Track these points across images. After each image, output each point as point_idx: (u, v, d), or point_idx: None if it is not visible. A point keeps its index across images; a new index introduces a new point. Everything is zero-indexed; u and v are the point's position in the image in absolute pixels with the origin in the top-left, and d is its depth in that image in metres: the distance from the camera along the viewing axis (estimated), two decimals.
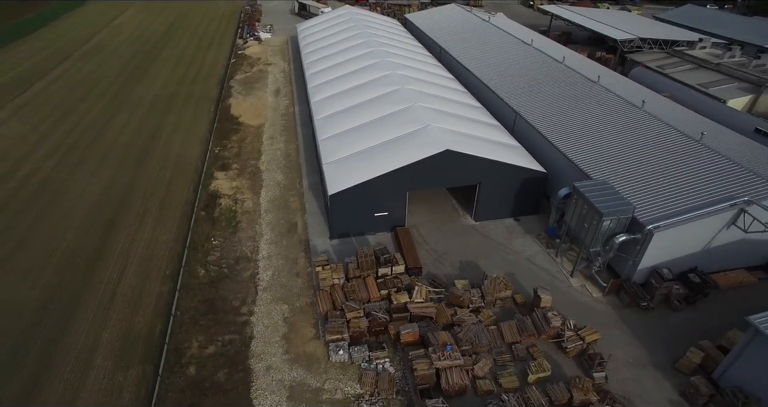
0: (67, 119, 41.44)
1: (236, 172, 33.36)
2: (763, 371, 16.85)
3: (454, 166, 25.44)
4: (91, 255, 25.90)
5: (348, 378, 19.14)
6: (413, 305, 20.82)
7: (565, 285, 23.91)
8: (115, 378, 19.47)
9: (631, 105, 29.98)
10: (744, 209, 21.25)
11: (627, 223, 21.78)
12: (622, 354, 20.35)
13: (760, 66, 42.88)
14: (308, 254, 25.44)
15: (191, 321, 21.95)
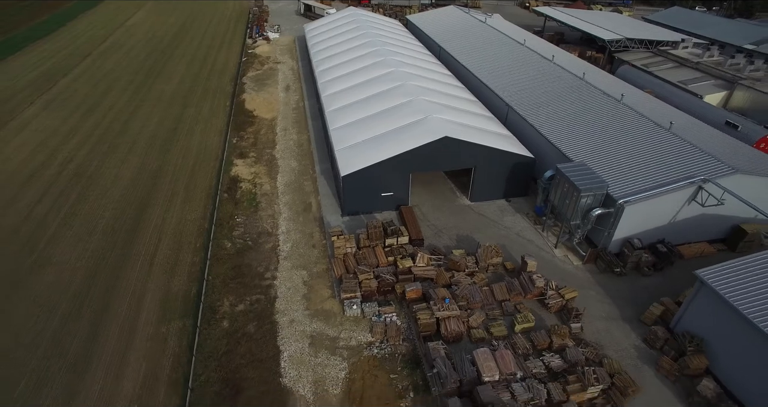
0: (93, 113, 44.65)
1: (253, 159, 36.61)
2: (706, 315, 20.09)
3: (451, 151, 28.68)
4: (129, 231, 29.11)
5: (360, 329, 22.38)
6: (416, 268, 24.09)
7: (550, 255, 27.18)
8: (160, 330, 22.67)
9: (611, 98, 33.28)
10: (701, 186, 24.52)
11: (602, 198, 25.04)
12: (597, 310, 23.64)
13: (735, 65, 46.16)
14: (323, 230, 28.69)
15: (222, 284, 25.17)
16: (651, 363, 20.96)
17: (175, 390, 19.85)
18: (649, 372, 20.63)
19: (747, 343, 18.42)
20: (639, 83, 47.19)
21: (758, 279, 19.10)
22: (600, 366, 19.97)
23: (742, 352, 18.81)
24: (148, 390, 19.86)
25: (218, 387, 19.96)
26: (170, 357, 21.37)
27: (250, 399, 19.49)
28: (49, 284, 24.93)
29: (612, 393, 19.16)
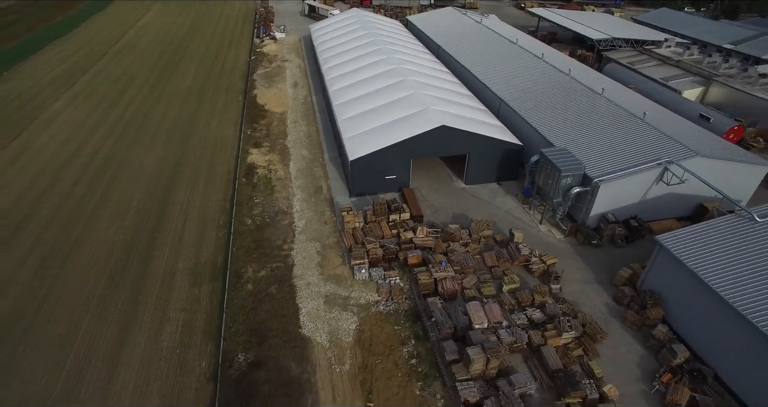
0: (115, 107, 47.92)
1: (267, 148, 39.93)
2: (664, 274, 23.47)
3: (448, 139, 32.03)
4: (158, 210, 32.41)
5: (368, 290, 25.72)
6: (417, 239, 27.43)
7: (536, 230, 30.54)
8: (193, 292, 26.00)
9: (593, 92, 36.68)
10: (666, 167, 27.88)
11: (580, 178, 28.40)
12: (574, 275, 27.01)
13: (712, 63, 49.54)
14: (333, 208, 32.03)
15: (245, 254, 28.49)
16: (618, 317, 24.35)
17: (209, 339, 23.18)
18: (616, 324, 24.02)
19: (695, 295, 21.78)
20: (624, 79, 50.64)
21: (705, 242, 22.49)
22: (574, 319, 23.33)
23: (690, 303, 22.19)
24: (187, 337, 23.20)
25: (247, 337, 23.29)
26: (203, 313, 24.71)
27: (274, 345, 22.83)
28: (92, 254, 28.26)
29: (584, 339, 22.52)
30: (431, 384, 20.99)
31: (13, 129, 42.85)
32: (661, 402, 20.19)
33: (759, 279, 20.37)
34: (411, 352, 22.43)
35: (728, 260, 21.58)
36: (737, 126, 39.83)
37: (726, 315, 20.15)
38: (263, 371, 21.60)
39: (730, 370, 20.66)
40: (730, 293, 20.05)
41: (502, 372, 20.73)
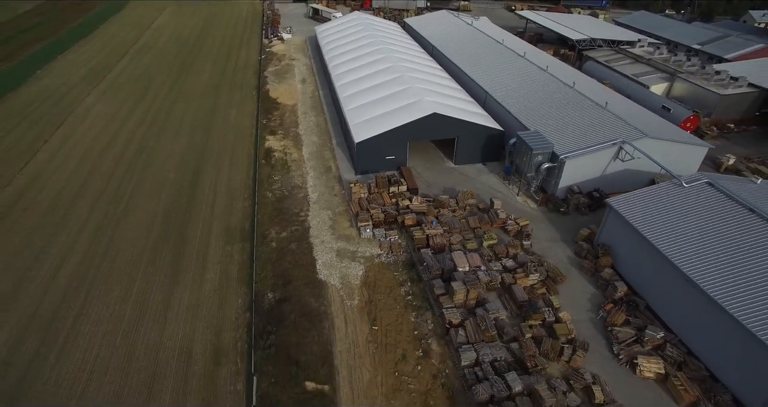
0: (141, 101, 53.23)
1: (282, 136, 45.33)
2: (613, 229, 28.91)
3: (439, 124, 37.45)
4: (190, 188, 37.73)
5: (372, 246, 31.11)
6: (413, 206, 32.85)
7: (513, 201, 35.99)
8: (226, 249, 31.35)
9: (566, 85, 42.18)
10: (621, 146, 33.35)
11: (549, 156, 33.84)
12: (544, 235, 32.45)
13: (677, 61, 55.06)
14: (341, 184, 37.41)
15: (268, 220, 33.86)
16: (577, 266, 29.80)
17: (243, 283, 28.52)
18: (575, 271, 29.48)
19: (634, 245, 27.18)
20: (601, 76, 56.26)
21: (644, 204, 27.95)
22: (540, 266, 28.75)
23: (630, 251, 27.63)
24: (225, 282, 28.55)
25: (273, 281, 28.66)
26: (236, 264, 30.06)
27: (297, 287, 28.20)
28: (138, 222, 33.58)
29: (547, 281, 27.94)
30: (423, 313, 26.39)
31: (54, 121, 48.10)
32: (602, 325, 25.63)
33: (683, 230, 25.80)
34: (407, 291, 27.84)
35: (660, 216, 27.04)
36: (693, 116, 45.35)
37: (656, 259, 25.52)
38: (288, 305, 26.99)
39: (657, 301, 26.12)
40: (659, 242, 25.44)
41: (479, 302, 26.13)
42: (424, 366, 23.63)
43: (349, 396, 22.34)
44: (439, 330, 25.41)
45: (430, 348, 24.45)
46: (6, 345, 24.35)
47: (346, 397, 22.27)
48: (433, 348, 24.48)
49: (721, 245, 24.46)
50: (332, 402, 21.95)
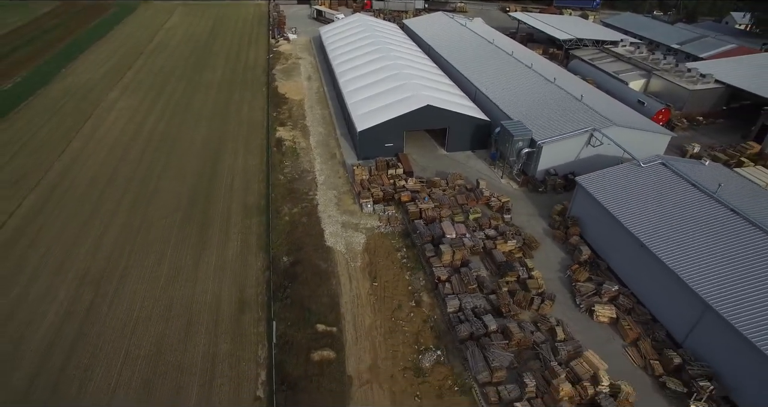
0: (161, 96, 57.85)
1: (291, 127, 49.93)
2: (581, 204, 33.45)
3: (432, 115, 41.99)
4: (211, 171, 42.30)
5: (373, 219, 35.68)
6: (408, 185, 37.42)
7: (497, 182, 40.56)
8: (245, 222, 35.93)
9: (547, 80, 46.74)
10: (592, 133, 37.89)
11: (529, 142, 38.39)
12: (523, 211, 37.01)
13: (655, 59, 59.55)
14: (345, 168, 41.99)
15: (281, 198, 38.44)
16: (550, 236, 34.37)
17: (261, 249, 33.09)
18: (548, 240, 34.05)
19: (598, 216, 31.69)
20: (585, 73, 60.76)
21: (607, 181, 32.50)
22: (518, 235, 33.29)
23: (595, 220, 32.17)
24: (245, 249, 33.13)
25: (287, 247, 33.24)
26: (255, 234, 34.64)
27: (307, 252, 32.78)
28: (167, 200, 38.16)
29: (523, 247, 32.48)
30: (416, 272, 30.97)
31: (84, 113, 52.73)
32: (568, 282, 30.19)
33: (639, 203, 30.28)
34: (403, 255, 32.42)
35: (621, 192, 31.56)
36: (664, 109, 49.82)
37: (616, 228, 29.99)
38: (301, 266, 31.58)
39: (615, 262, 30.67)
40: (619, 213, 29.92)
41: (464, 263, 30.69)
42: (416, 313, 28.22)
43: (353, 335, 26.93)
44: (429, 285, 29.98)
45: (422, 299, 29.03)
46: (67, 298, 28.96)
47: (351, 336, 26.86)
48: (424, 300, 29.06)
49: (670, 215, 28.95)
50: (339, 340, 26.54)
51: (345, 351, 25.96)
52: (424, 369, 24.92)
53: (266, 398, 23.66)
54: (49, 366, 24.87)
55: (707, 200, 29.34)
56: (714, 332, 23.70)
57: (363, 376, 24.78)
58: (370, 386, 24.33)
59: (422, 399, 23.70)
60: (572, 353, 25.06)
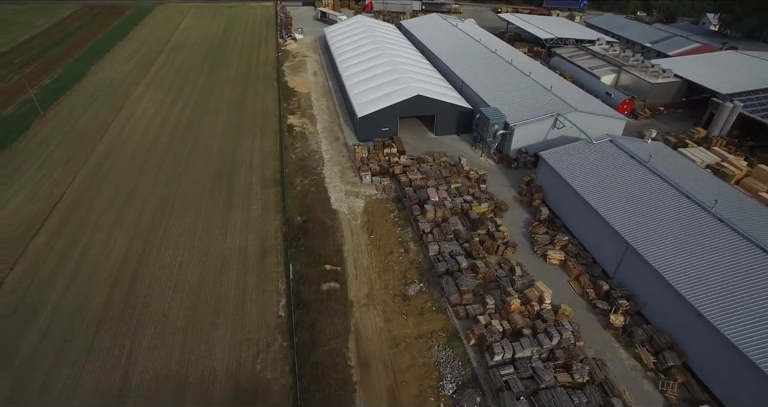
0: (183, 89, 64.89)
1: (300, 115, 56.92)
2: (544, 175, 40.30)
3: (422, 104, 48.90)
4: (232, 152, 49.26)
5: (371, 189, 42.59)
6: (401, 161, 44.32)
7: (477, 160, 47.44)
8: (264, 191, 42.89)
9: (523, 74, 53.66)
10: (557, 117, 44.72)
11: (503, 125, 45.26)
12: (497, 182, 43.89)
13: (625, 56, 66.31)
14: (347, 148, 48.92)
15: (293, 172, 45.38)
16: (518, 201, 41.24)
17: (278, 211, 40.01)
18: (516, 205, 40.92)
19: (556, 184, 38.54)
20: (564, 68, 67.62)
21: (565, 155, 39.35)
22: (490, 199, 40.14)
23: (554, 187, 39.02)
24: (265, 212, 40.06)
25: (300, 210, 40.16)
26: (272, 200, 41.58)
27: (316, 213, 39.69)
28: (196, 175, 45.11)
29: (495, 210, 39.33)
30: (405, 228, 37.87)
31: (116, 105, 59.77)
32: (529, 235, 37.04)
33: (589, 173, 37.09)
34: (395, 215, 39.35)
35: (575, 164, 38.39)
36: (628, 100, 56.59)
37: (569, 192, 36.81)
38: (311, 223, 38.51)
39: (568, 220, 37.53)
40: (573, 181, 36.76)
41: (444, 219, 37.55)
42: (405, 257, 35.14)
43: (354, 273, 33.85)
44: (415, 237, 36.88)
45: (409, 247, 35.95)
46: (123, 247, 35.95)
47: (352, 273, 33.79)
48: (411, 247, 35.97)
49: (619, 185, 35.52)
50: (342, 276, 33.46)
51: (347, 284, 32.92)
52: (409, 296, 31.84)
53: (286, 316, 30.60)
54: (117, 292, 31.89)
55: (640, 167, 36.22)
56: (633, 265, 30.51)
57: (361, 301, 31.72)
58: (367, 307, 31.27)
59: (407, 316, 30.62)
60: (526, 284, 31.88)
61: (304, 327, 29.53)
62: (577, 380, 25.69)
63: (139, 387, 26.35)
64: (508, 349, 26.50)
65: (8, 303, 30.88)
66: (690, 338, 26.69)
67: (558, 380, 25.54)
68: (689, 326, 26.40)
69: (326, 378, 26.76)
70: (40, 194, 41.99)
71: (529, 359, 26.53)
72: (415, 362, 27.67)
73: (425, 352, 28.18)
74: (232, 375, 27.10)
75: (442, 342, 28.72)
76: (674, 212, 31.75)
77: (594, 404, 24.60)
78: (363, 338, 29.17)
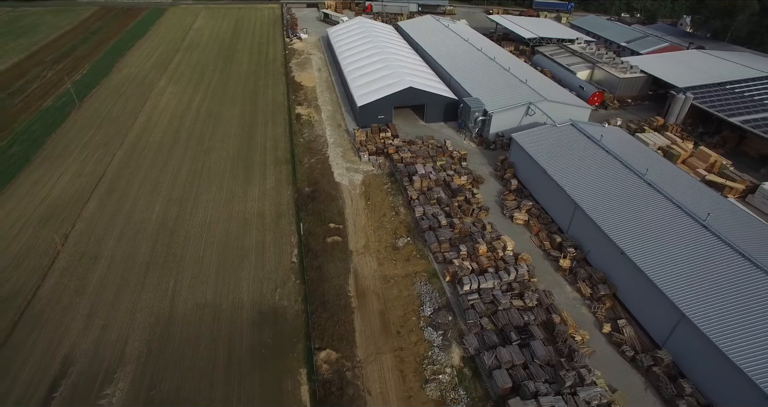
0: (201, 83, 72.14)
1: (306, 106, 64.15)
2: (516, 154, 47.43)
3: (414, 95, 56.09)
4: (248, 137, 56.48)
5: (368, 166, 49.80)
6: (394, 143, 51.51)
7: (461, 143, 54.62)
8: (277, 168, 50.12)
9: (503, 68, 60.84)
10: (529, 105, 51.87)
11: (482, 112, 52.44)
12: (477, 161, 51.07)
13: (600, 54, 73.40)
14: (348, 133, 56.13)
15: (302, 153, 52.59)
16: (493, 176, 48.42)
17: (289, 184, 47.22)
18: (491, 179, 48.12)
19: (524, 160, 45.65)
20: (544, 65, 74.73)
21: (533, 136, 46.49)
22: (469, 174, 47.27)
23: (522, 163, 46.17)
24: (279, 184, 47.28)
25: (308, 182, 47.36)
26: (284, 175, 48.79)
27: (322, 185, 46.86)
28: (218, 155, 52.30)
29: (473, 182, 46.48)
30: (397, 196, 45.03)
31: (142, 96, 67.05)
32: (500, 202, 44.17)
33: (553, 152, 44.19)
34: (388, 187, 46.53)
35: (541, 144, 45.50)
36: (598, 92, 63.69)
37: (534, 166, 43.88)
38: (318, 192, 45.67)
39: (534, 189, 44.68)
40: (537, 156, 43.89)
41: (429, 188, 44.70)
42: (395, 218, 42.32)
43: (353, 230, 41.04)
44: (404, 203, 44.07)
45: (399, 210, 43.13)
46: (161, 210, 43.14)
47: (351, 230, 40.97)
48: (401, 211, 43.15)
49: (575, 160, 42.57)
50: (343, 232, 40.62)
51: (348, 238, 40.12)
52: (398, 247, 39.02)
53: (298, 262, 37.79)
54: (159, 245, 39.11)
55: (593, 145, 43.38)
56: (581, 221, 37.62)
57: (359, 250, 38.92)
58: (363, 255, 38.46)
59: (397, 262, 37.80)
60: (494, 237, 39.02)
61: (312, 269, 36.73)
62: (528, 304, 32.81)
63: (184, 311, 33.57)
64: (474, 282, 33.65)
65: (75, 252, 38.16)
66: (617, 273, 33.80)
67: (513, 304, 32.66)
68: (617, 264, 33.50)
69: (331, 304, 33.94)
70: (86, 171, 49.26)
71: (491, 289, 33.66)
72: (401, 294, 34.86)
73: (410, 286, 35.37)
74: (256, 304, 34.29)
75: (423, 279, 35.91)
76: (615, 180, 38.91)
77: (539, 320, 31.73)
78: (360, 277, 36.38)
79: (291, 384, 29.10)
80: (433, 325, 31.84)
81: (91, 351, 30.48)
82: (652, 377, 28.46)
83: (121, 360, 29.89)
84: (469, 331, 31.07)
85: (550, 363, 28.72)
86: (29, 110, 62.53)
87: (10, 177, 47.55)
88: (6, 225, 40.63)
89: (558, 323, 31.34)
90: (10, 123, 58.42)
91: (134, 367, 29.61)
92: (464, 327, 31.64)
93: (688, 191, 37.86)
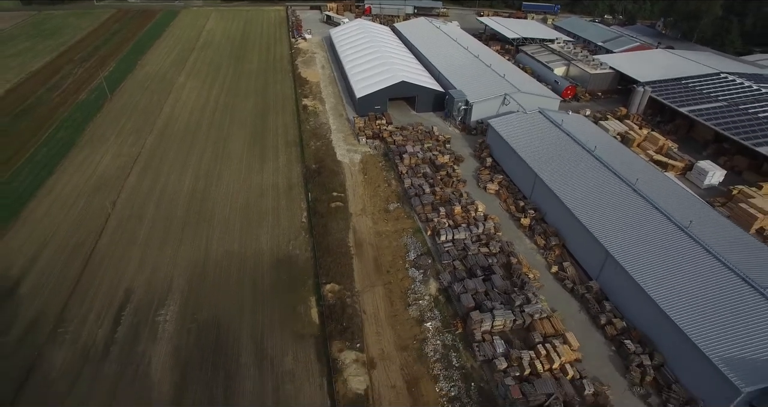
0: (216, 79, 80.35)
1: (312, 98, 72.37)
2: (492, 138, 55.55)
3: (406, 88, 64.25)
4: (261, 125, 64.68)
5: (366, 147, 57.96)
6: (388, 128, 59.66)
7: (446, 129, 62.77)
8: (287, 149, 58.32)
9: (486, 65, 69.02)
10: (505, 96, 59.99)
11: (465, 102, 60.57)
12: (459, 144, 59.21)
13: (575, 52, 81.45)
14: (349, 122, 64.31)
15: (308, 137, 60.77)
16: (473, 156, 56.56)
17: (298, 162, 55.39)
18: (471, 158, 56.26)
19: (499, 142, 53.73)
20: (526, 63, 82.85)
21: (508, 122, 54.61)
22: (452, 154, 55.35)
23: (497, 145, 54.27)
24: (290, 162, 55.48)
25: (314, 161, 55.49)
26: (294, 155, 56.97)
27: (326, 163, 55.00)
28: (236, 139, 60.51)
29: (455, 161, 54.58)
30: (390, 172, 53.19)
31: (165, 91, 75.28)
32: (477, 175, 52.29)
33: (522, 135, 52.24)
34: (382, 164, 54.69)
35: (513, 128, 53.57)
36: (571, 86, 71.76)
37: (507, 148, 51.95)
38: (323, 169, 53.82)
39: (506, 166, 52.80)
40: (510, 140, 51.97)
41: (416, 165, 52.80)
42: (388, 188, 50.47)
43: (353, 197, 49.20)
44: (396, 177, 52.24)
45: (391, 182, 51.29)
46: (190, 183, 51.33)
47: (351, 197, 49.13)
48: (393, 182, 51.31)
49: (539, 141, 50.66)
50: (344, 199, 48.76)
51: (348, 203, 48.29)
52: (390, 210, 47.17)
53: (307, 221, 45.92)
54: (191, 209, 47.28)
55: (556, 129, 51.50)
56: (540, 189, 45.70)
57: (358, 213, 47.07)
58: (361, 216, 46.61)
59: (388, 221, 45.94)
60: (469, 202, 47.09)
61: (319, 226, 44.88)
62: (492, 251, 40.88)
63: (216, 258, 41.72)
64: (450, 233, 41.75)
65: (123, 214, 46.35)
66: (566, 228, 41.87)
67: (480, 250, 40.74)
68: (566, 219, 41.57)
69: (334, 252, 42.05)
70: (123, 152, 57.48)
71: (463, 239, 41.75)
72: (391, 244, 43.02)
73: (398, 239, 43.53)
74: (274, 252, 42.43)
75: (409, 234, 44.06)
76: (571, 156, 47.01)
77: (500, 262, 39.81)
78: (358, 232, 44.55)
79: (304, 308, 37.25)
80: (416, 266, 39.97)
81: (145, 285, 38.67)
82: (584, 301, 36.55)
83: (169, 291, 38.08)
84: (444, 270, 39.18)
85: (506, 291, 36.80)
86: (67, 102, 70.76)
87: (61, 157, 55.81)
88: (65, 194, 48.89)
89: (515, 263, 39.44)
90: (53, 113, 66.73)
91: (180, 296, 37.79)
92: (440, 267, 39.77)
93: (627, 164, 45.95)
